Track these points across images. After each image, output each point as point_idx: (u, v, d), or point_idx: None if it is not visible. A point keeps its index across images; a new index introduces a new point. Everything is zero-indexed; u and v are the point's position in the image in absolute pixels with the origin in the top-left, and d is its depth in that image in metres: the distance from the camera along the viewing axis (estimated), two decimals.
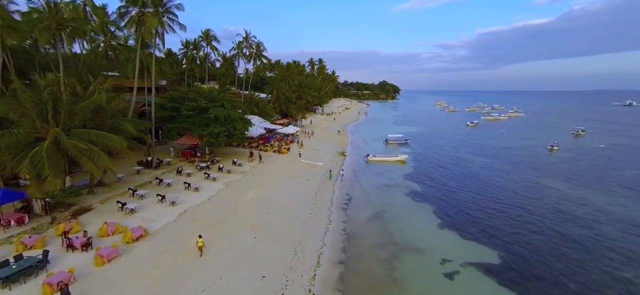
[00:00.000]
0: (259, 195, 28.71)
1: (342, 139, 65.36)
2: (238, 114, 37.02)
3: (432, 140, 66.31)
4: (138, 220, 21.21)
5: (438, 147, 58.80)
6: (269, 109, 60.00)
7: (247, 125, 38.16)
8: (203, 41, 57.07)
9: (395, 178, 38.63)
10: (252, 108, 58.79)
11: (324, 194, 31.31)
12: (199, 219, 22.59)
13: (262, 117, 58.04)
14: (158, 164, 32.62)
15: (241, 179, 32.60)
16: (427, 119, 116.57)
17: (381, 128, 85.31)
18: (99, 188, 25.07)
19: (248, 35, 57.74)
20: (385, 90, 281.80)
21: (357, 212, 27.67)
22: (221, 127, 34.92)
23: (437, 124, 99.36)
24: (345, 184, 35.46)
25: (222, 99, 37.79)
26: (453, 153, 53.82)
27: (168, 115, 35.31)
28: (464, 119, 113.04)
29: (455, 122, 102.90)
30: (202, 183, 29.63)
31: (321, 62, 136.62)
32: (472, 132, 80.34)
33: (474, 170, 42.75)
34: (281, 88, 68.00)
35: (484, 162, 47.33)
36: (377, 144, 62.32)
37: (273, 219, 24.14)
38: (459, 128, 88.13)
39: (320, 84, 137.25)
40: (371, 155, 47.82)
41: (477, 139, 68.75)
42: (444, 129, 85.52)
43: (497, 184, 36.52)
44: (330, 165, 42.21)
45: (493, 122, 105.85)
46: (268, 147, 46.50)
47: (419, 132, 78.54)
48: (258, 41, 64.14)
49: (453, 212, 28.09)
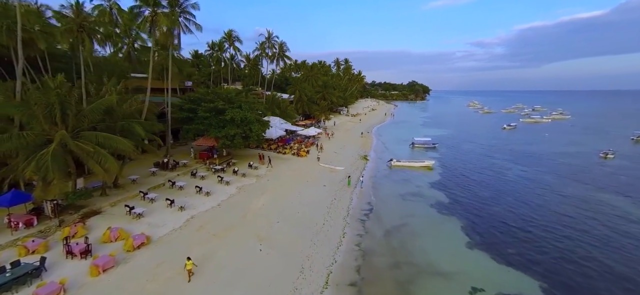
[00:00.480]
0: (271, 201, 27.37)
1: (365, 141, 62.74)
2: (255, 115, 36.08)
3: (463, 145, 61.61)
4: (144, 225, 20.63)
5: (469, 153, 54.32)
6: (291, 110, 58.93)
7: (265, 127, 37.10)
8: (226, 42, 57.37)
9: (420, 186, 35.62)
10: (273, 109, 58.10)
11: (341, 202, 29.28)
12: (205, 226, 21.62)
13: (284, 118, 57.13)
14: (174, 165, 32.47)
15: (255, 183, 31.53)
16: (459, 121, 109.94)
17: (408, 130, 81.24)
18: (112, 190, 25.07)
19: (271, 35, 57.19)
20: (414, 91, 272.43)
21: (375, 225, 25.34)
22: (237, 129, 34.15)
23: (470, 126, 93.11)
24: (365, 191, 33.16)
25: (240, 100, 37.09)
26: (486, 159, 49.29)
27: (186, 116, 35.18)
28: (499, 121, 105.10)
29: (489, 125, 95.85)
30: (215, 187, 28.89)
31: (347, 62, 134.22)
32: (508, 136, 73.96)
33: (511, 180, 38.45)
34: (304, 89, 66.81)
35: (523, 170, 42.59)
36: (402, 147, 58.99)
37: (283, 229, 22.60)
38: (493, 131, 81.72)
39: (346, 85, 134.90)
40: (395, 160, 44.95)
41: (515, 143, 62.89)
42: (477, 133, 79.66)
43: (538, 197, 32.28)
44: (350, 170, 40.09)
45: (533, 125, 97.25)
46: (287, 150, 45.29)
47: (449, 136, 73.66)
48: (281, 41, 63.49)
49: (485, 229, 24.84)
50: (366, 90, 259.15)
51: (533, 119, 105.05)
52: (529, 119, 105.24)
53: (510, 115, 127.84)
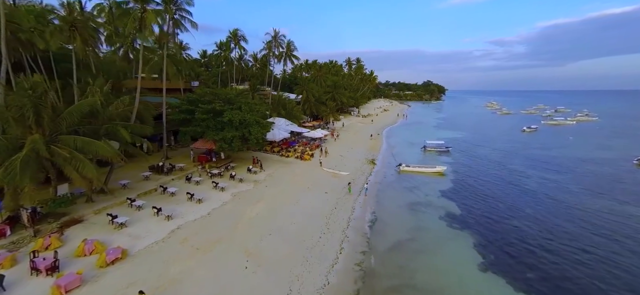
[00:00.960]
0: (266, 210, 25.61)
1: (374, 144, 60.18)
2: (255, 117, 34.45)
3: (479, 149, 58.02)
4: (124, 237, 19.26)
5: (485, 158, 50.87)
6: (297, 111, 57.16)
7: (266, 130, 35.41)
8: (231, 41, 56.19)
9: (430, 194, 32.99)
10: (279, 110, 56.56)
11: (342, 212, 27.16)
12: (190, 239, 20.04)
13: (290, 119, 55.47)
14: (170, 169, 31.28)
15: (253, 189, 29.88)
16: (475, 122, 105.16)
17: (420, 133, 77.93)
18: (99, 196, 23.96)
19: (277, 34, 55.67)
20: (429, 91, 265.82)
21: (378, 240, 23.08)
22: (235, 132, 32.61)
23: (487, 128, 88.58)
24: (369, 199, 30.87)
25: (240, 101, 35.57)
26: (504, 166, 45.82)
27: (183, 118, 33.94)
28: (519, 123, 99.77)
29: (508, 127, 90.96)
30: (209, 193, 27.42)
31: (359, 61, 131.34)
32: (529, 139, 69.47)
33: (531, 189, 35.15)
34: (311, 89, 64.91)
35: (544, 179, 39.05)
36: (413, 151, 56.13)
37: (274, 243, 20.74)
38: (512, 134, 77.20)
39: (357, 85, 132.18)
40: (404, 165, 42.34)
41: (536, 148, 58.71)
42: (495, 135, 75.43)
43: (562, 211, 29.03)
44: (356, 175, 37.89)
45: (556, 127, 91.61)
46: (290, 153, 43.51)
47: (464, 138, 69.95)
48: (288, 40, 61.87)
49: (500, 247, 22.13)
50: (379, 90, 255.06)
51: (556, 121, 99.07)
52: (552, 121, 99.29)
53: (531, 117, 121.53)
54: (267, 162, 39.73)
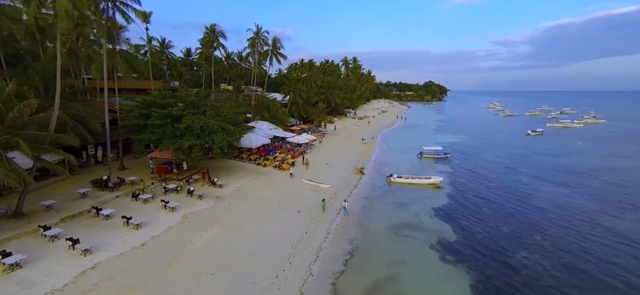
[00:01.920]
0: (219, 237, 21.14)
1: (366, 149, 55.54)
2: (221, 123, 29.95)
3: (480, 155, 53.24)
4: (11, 284, 14.82)
5: (487, 165, 46.12)
6: (282, 113, 52.65)
7: (234, 137, 30.91)
8: (209, 38, 51.63)
9: (422, 213, 28.35)
10: (262, 112, 52.13)
11: (313, 238, 22.63)
12: (103, 284, 15.56)
13: (273, 122, 51.02)
14: (117, 184, 26.81)
15: (211, 208, 25.39)
16: (476, 125, 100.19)
17: (418, 136, 73.24)
18: (9, 222, 19.52)
19: (260, 30, 51.13)
20: (430, 91, 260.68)
21: (351, 280, 18.49)
22: (196, 140, 28.12)
23: (489, 132, 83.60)
24: (350, 220, 26.29)
25: (205, 104, 31.13)
26: (508, 175, 41.08)
27: (136, 124, 29.45)
28: (523, 126, 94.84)
29: (511, 130, 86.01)
30: (154, 215, 22.96)
31: (356, 61, 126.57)
32: (534, 144, 64.58)
33: (540, 206, 30.42)
34: (299, 90, 60.33)
35: (555, 193, 34.32)
36: (409, 157, 51.47)
37: (215, 287, 16.25)
38: (516, 138, 72.29)
39: (354, 85, 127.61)
40: (395, 175, 37.71)
41: (542, 154, 53.89)
42: (497, 140, 70.56)
43: (580, 236, 24.33)
44: (339, 188, 33.37)
45: (563, 130, 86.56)
46: (268, 161, 38.98)
47: (464, 143, 65.17)
48: (274, 37, 57.43)
49: (506, 287, 17.52)
50: (380, 90, 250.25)
51: (562, 124, 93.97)
52: (558, 124, 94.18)
53: (535, 119, 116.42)
54: (240, 172, 35.31)
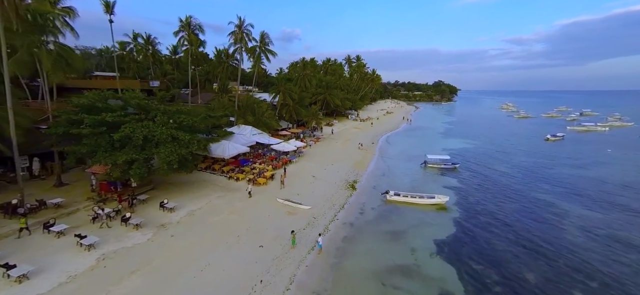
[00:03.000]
0: (138, 292, 15.56)
1: (363, 157, 49.37)
2: (173, 131, 24.43)
3: (495, 165, 46.43)
4: None
5: (503, 179, 39.44)
6: (268, 116, 46.99)
7: (192, 147, 25.36)
8: (183, 31, 46.06)
9: (421, 249, 22.18)
10: (246, 116, 46.62)
11: (270, 290, 16.83)
12: None
13: (259, 127, 45.45)
14: (34, 208, 21.54)
15: (145, 243, 19.88)
16: (489, 128, 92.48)
17: (424, 141, 66.63)
18: None
19: (242, 23, 45.48)
20: (439, 91, 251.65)
21: None
22: (138, 153, 22.67)
23: (503, 136, 76.09)
24: (322, 261, 20.33)
25: (157, 109, 25.68)
26: (528, 193, 34.41)
27: (65, 131, 24.01)
28: (540, 129, 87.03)
29: (528, 134, 78.31)
30: (59, 256, 17.56)
31: (359, 59, 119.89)
32: (555, 151, 57.21)
33: (575, 240, 23.88)
34: (289, 90, 54.51)
35: (590, 218, 27.66)
36: (411, 167, 45.13)
37: None
38: (535, 144, 64.85)
39: (357, 85, 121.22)
40: (392, 193, 31.60)
41: (567, 165, 46.74)
42: (513, 146, 63.30)
43: (633, 282, 17.88)
44: (321, 210, 27.52)
45: (586, 135, 78.35)
46: (241, 175, 33.36)
47: (476, 150, 58.27)
48: (262, 32, 51.74)
49: None
50: (387, 90, 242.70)
51: (584, 127, 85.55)
52: (580, 127, 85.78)
53: (553, 122, 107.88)
54: (204, 189, 29.82)
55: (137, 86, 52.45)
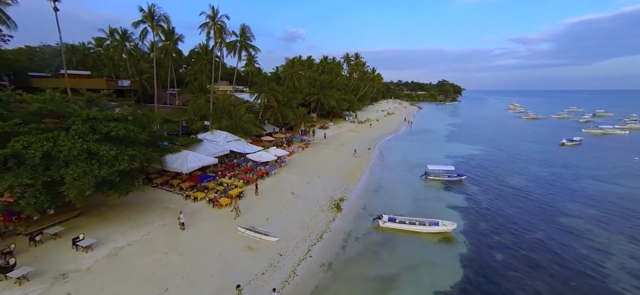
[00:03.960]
0: None
1: (356, 166, 43.25)
2: (93, 145, 18.55)
3: (507, 176, 40.09)
4: None
5: (519, 196, 33.18)
6: (247, 121, 40.99)
7: (119, 164, 19.46)
8: (145, 24, 39.70)
9: None
10: (222, 118, 40.74)
11: None
12: None
13: (235, 132, 39.58)
14: None
15: None
16: (497, 131, 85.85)
17: (426, 146, 60.38)
18: None
19: (216, 15, 39.48)
20: (443, 91, 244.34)
21: None
22: (33, 176, 16.79)
23: (513, 140, 69.46)
24: None
25: (79, 115, 19.79)
26: (552, 215, 28.14)
27: None
28: (552, 131, 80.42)
29: (540, 138, 71.63)
30: None
31: (358, 57, 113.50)
32: (574, 158, 50.70)
33: (619, 285, 17.66)
34: (274, 90, 48.38)
35: (633, 251, 21.39)
36: (410, 179, 38.99)
37: None
38: (549, 150, 58.30)
39: (356, 84, 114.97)
40: (385, 218, 25.56)
41: (592, 177, 40.30)
42: (525, 151, 56.83)
43: None
44: (293, 243, 21.59)
45: (604, 139, 71.54)
46: (200, 193, 27.38)
47: (484, 157, 51.92)
48: (243, 25, 45.75)
49: None
50: (390, 90, 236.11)
51: (601, 130, 78.60)
52: (597, 130, 78.82)
53: (565, 123, 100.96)
54: (150, 213, 23.96)
55: (103, 85, 46.97)
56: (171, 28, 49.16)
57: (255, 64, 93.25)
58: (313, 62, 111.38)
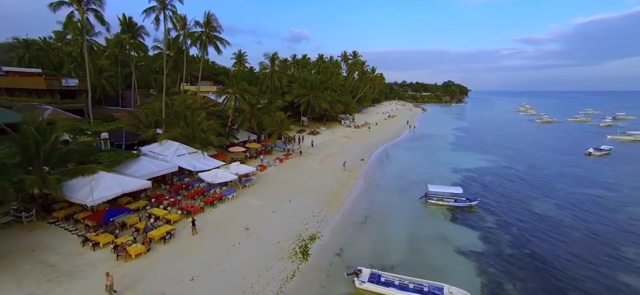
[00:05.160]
0: None
1: (342, 185, 35.24)
2: None
3: (531, 201, 31.63)
4: None
5: (553, 231, 24.91)
6: (207, 128, 33.27)
7: None
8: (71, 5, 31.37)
9: None
10: (176, 125, 33.17)
11: None
12: None
13: (190, 143, 31.99)
14: None
15: None
16: (509, 136, 77.03)
17: (429, 156, 52.16)
18: None
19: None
20: (449, 92, 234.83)
21: None
22: None
23: (530, 148, 60.55)
24: None
25: None
26: (610, 271, 19.90)
27: None
28: (572, 137, 71.71)
29: (560, 145, 62.81)
30: None
31: (355, 55, 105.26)
32: (607, 173, 42.12)
33: None
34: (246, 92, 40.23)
35: None
36: (406, 203, 30.91)
37: None
38: (574, 161, 49.66)
39: (355, 85, 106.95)
40: (365, 275, 17.63)
41: (638, 198, 31.83)
42: (546, 162, 48.32)
43: None
44: None
45: (635, 146, 62.51)
46: (103, 236, 19.58)
47: (498, 170, 43.56)
48: (208, 13, 38.15)
49: None
50: (393, 91, 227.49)
51: (631, 137, 69.00)
52: (625, 137, 69.38)
53: (583, 127, 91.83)
54: (17, 270, 16.31)
55: (40, 85, 39.80)
56: (128, 18, 41.86)
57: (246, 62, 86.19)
58: (308, 61, 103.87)
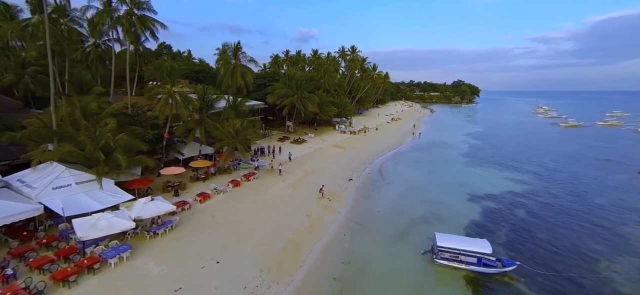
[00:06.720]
0: None
1: (313, 224, 24.65)
2: None
3: (597, 263, 20.66)
4: None
5: None
6: (119, 142, 23.21)
7: None
8: None
9: None
10: (63, 146, 23.17)
11: None
12: None
13: (84, 162, 21.98)
14: None
15: None
16: (533, 145, 65.02)
17: (436, 174, 41.17)
18: None
19: None
20: (459, 92, 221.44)
21: None
22: None
23: (565, 163, 48.49)
24: None
25: None
26: None
27: None
28: (610, 146, 59.73)
29: (600, 158, 50.92)
30: None
31: (354, 51, 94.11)
32: None
33: None
34: (183, 93, 29.41)
35: None
36: (403, 261, 20.21)
37: None
38: (630, 183, 38.07)
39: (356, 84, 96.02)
40: None
41: None
42: (594, 186, 36.89)
43: None
44: None
45: None
46: None
47: (534, 201, 32.36)
48: None
49: None
50: (400, 91, 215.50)
51: None
52: None
53: (617, 133, 79.31)
54: None
55: None
56: None
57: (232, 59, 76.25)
58: (303, 58, 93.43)
